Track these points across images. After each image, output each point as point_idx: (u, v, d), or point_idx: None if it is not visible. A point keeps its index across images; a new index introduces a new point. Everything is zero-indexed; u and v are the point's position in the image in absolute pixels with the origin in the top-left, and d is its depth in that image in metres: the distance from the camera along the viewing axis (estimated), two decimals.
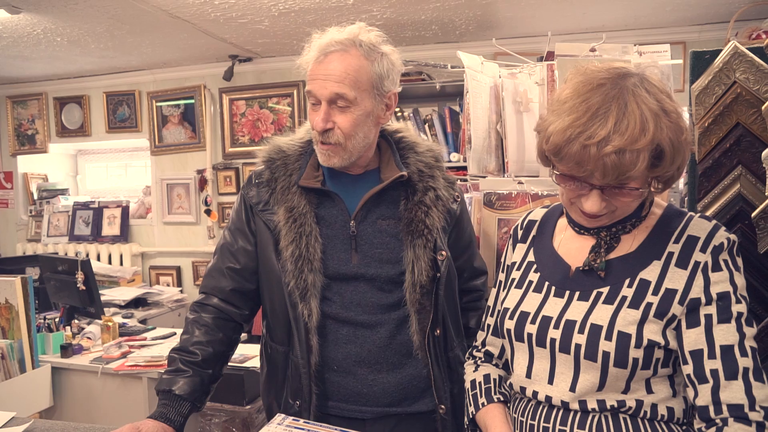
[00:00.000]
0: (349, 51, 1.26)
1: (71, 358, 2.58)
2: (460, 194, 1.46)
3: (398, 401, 1.33)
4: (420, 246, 1.31)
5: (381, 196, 1.35)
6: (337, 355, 1.32)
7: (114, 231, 4.62)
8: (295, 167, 1.37)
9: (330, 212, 1.35)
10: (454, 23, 3.42)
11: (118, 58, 4.11)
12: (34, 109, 4.87)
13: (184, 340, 1.37)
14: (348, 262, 1.33)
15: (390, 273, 1.32)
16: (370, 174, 1.39)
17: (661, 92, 0.96)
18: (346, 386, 1.33)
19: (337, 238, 1.34)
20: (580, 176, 0.96)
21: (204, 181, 4.41)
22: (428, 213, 1.33)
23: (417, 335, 1.32)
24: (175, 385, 1.30)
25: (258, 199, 1.38)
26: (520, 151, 1.93)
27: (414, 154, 1.40)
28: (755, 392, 0.92)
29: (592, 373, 0.99)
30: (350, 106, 1.26)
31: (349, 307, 1.32)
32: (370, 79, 1.27)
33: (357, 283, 1.32)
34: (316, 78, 1.27)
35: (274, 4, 3.08)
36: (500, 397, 1.17)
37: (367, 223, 1.34)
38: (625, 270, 1.03)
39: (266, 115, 4.28)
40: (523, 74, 2.02)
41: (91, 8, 3.05)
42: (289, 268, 1.31)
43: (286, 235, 1.32)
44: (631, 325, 0.97)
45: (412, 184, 1.36)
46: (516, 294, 1.13)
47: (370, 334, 1.32)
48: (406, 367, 1.33)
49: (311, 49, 1.30)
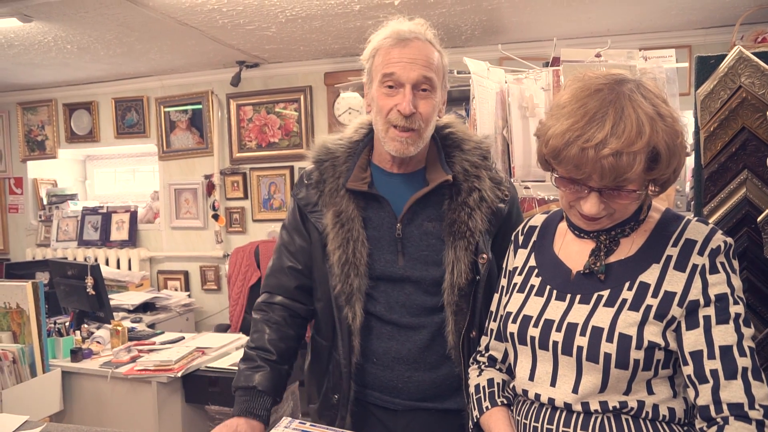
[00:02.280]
0: (426, 41, 1.30)
1: (81, 363, 2.60)
2: (511, 192, 1.43)
3: (430, 397, 1.35)
4: (461, 248, 1.31)
5: (426, 197, 1.35)
6: (378, 349, 1.35)
7: (122, 236, 4.65)
8: (343, 169, 1.38)
9: (377, 214, 1.36)
10: (460, 28, 3.44)
11: (126, 64, 4.15)
12: (44, 116, 4.91)
13: (257, 338, 1.41)
14: (394, 264, 1.34)
15: (434, 275, 1.33)
16: (416, 174, 1.39)
17: (657, 97, 0.99)
18: (384, 378, 1.35)
19: (383, 240, 1.35)
20: (579, 179, 0.98)
21: (212, 186, 4.44)
22: (471, 215, 1.33)
23: (452, 335, 1.33)
24: (256, 381, 1.34)
25: (307, 201, 1.40)
26: (527, 156, 1.94)
27: (460, 153, 1.39)
28: (754, 391, 0.94)
29: (594, 374, 1.00)
30: (431, 92, 1.28)
31: (394, 308, 1.34)
32: (443, 69, 1.32)
33: (403, 285, 1.34)
34: (399, 61, 1.27)
35: (281, 11, 3.10)
36: (504, 401, 1.18)
37: (414, 226, 1.35)
38: (624, 273, 1.05)
39: (273, 120, 4.30)
40: (529, 79, 2.03)
41: (101, 16, 3.09)
42: (336, 272, 1.33)
43: (333, 239, 1.34)
44: (632, 326, 0.99)
45: (456, 185, 1.35)
46: (518, 298, 1.15)
47: (412, 335, 1.34)
48: (443, 367, 1.35)
49: (384, 38, 1.31)
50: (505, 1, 2.98)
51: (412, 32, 1.29)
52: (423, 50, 1.28)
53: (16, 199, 5.02)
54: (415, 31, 1.30)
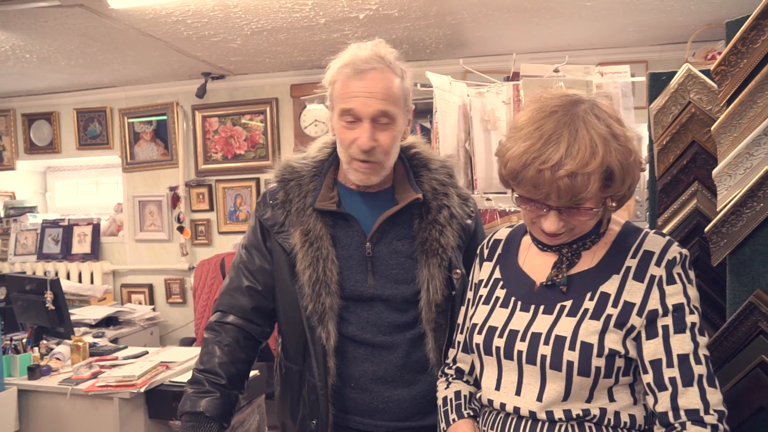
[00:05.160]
0: (385, 68, 1.27)
1: (39, 380, 2.53)
2: (475, 209, 1.45)
3: (412, 416, 1.34)
4: (435, 265, 1.31)
5: (395, 216, 1.34)
6: (354, 373, 1.33)
7: (84, 249, 4.55)
8: (310, 188, 1.36)
9: (346, 233, 1.35)
10: (425, 42, 3.49)
11: (89, 75, 4.09)
12: (2, 126, 4.79)
13: (207, 360, 1.37)
14: (364, 283, 1.33)
15: (405, 293, 1.32)
16: (384, 193, 1.38)
17: (611, 117, 1.03)
18: (363, 402, 1.33)
19: (353, 260, 1.33)
20: (538, 198, 1.02)
21: (176, 198, 4.39)
22: (442, 232, 1.33)
23: (434, 353, 1.32)
24: (203, 407, 1.31)
25: (273, 221, 1.37)
26: (488, 168, 1.98)
27: (427, 172, 1.39)
28: (709, 397, 0.98)
29: (557, 382, 1.03)
30: (391, 124, 1.27)
31: (366, 328, 1.33)
32: (403, 96, 1.30)
33: (373, 304, 1.33)
34: (357, 95, 1.25)
35: (246, 23, 3.11)
36: (470, 413, 1.20)
37: (383, 245, 1.34)
38: (586, 284, 1.08)
39: (239, 132, 4.28)
40: (491, 93, 2.08)
41: (62, 26, 3.04)
42: (307, 291, 1.31)
43: (303, 258, 1.31)
44: (593, 335, 1.02)
45: (425, 203, 1.35)
46: (484, 310, 1.17)
47: (387, 354, 1.32)
48: (421, 383, 1.34)
49: (342, 66, 1.29)
50: (468, 16, 3.04)
51: (371, 60, 1.27)
52: (381, 81, 1.25)
53: None
54: (374, 58, 1.27)
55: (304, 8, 2.89)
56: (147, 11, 2.87)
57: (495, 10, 2.95)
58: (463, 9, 2.93)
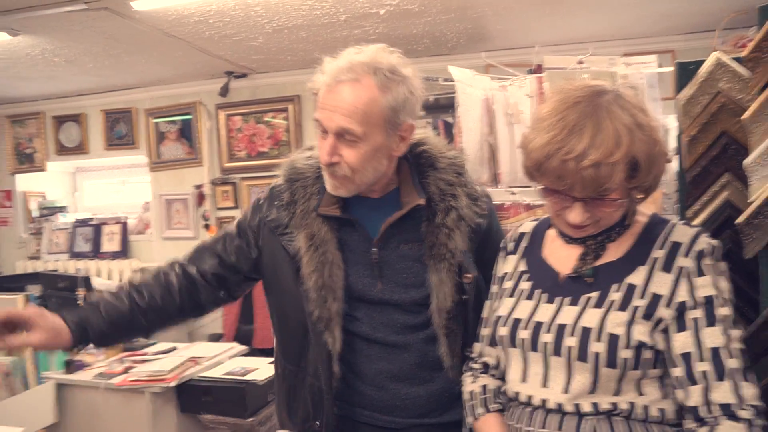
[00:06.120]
0: (361, 81, 1.18)
1: (75, 374, 2.59)
2: (488, 206, 1.38)
3: (429, 412, 1.32)
4: (444, 270, 1.27)
5: (402, 219, 1.29)
6: (369, 371, 1.30)
7: (114, 247, 4.64)
8: (313, 191, 1.32)
9: (352, 237, 1.31)
10: (446, 36, 3.48)
11: (114, 76, 4.16)
12: (33, 128, 4.90)
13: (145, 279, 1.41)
14: (373, 288, 1.29)
15: (415, 297, 1.29)
16: (389, 197, 1.33)
17: (635, 107, 1.01)
18: (380, 399, 1.30)
19: (360, 264, 1.30)
20: (562, 190, 1.01)
21: (202, 196, 4.45)
22: (450, 235, 1.28)
23: (447, 357, 1.30)
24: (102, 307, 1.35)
25: (277, 223, 1.34)
26: (513, 162, 1.97)
27: (434, 171, 1.32)
28: (744, 391, 0.96)
29: (583, 374, 1.02)
30: (358, 141, 1.19)
31: (378, 328, 1.30)
32: (381, 113, 1.19)
33: (383, 307, 1.30)
34: (324, 107, 1.20)
35: (267, 22, 3.13)
36: (497, 407, 1.19)
37: (390, 249, 1.30)
38: (612, 276, 1.07)
39: (262, 130, 4.32)
40: (514, 87, 2.06)
41: (88, 29, 3.10)
42: (313, 296, 1.27)
43: (308, 262, 1.28)
44: (620, 326, 1.01)
45: (432, 206, 1.29)
46: (509, 302, 1.17)
47: (401, 353, 1.30)
48: (438, 380, 1.31)
49: (324, 73, 1.22)
50: (489, 10, 3.02)
51: (349, 71, 1.18)
52: (351, 95, 1.17)
53: (5, 212, 4.99)
54: (355, 67, 1.18)
55: (325, 5, 2.90)
56: (170, 12, 2.91)
57: (516, 3, 2.93)
58: (485, 2, 2.91)
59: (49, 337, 1.27)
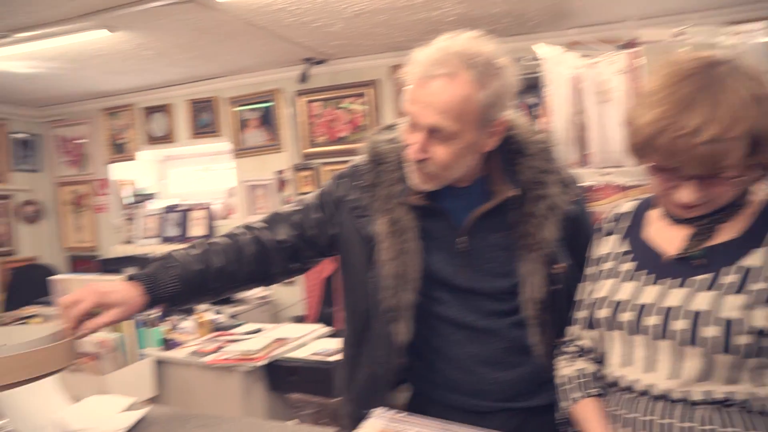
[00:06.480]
0: (456, 77, 1.13)
1: (170, 351, 2.76)
2: (579, 190, 1.34)
3: (516, 396, 1.30)
4: (534, 260, 1.24)
5: (489, 208, 1.26)
6: (457, 354, 1.29)
7: (200, 231, 4.85)
8: (396, 176, 1.28)
9: (435, 226, 1.27)
10: (527, 14, 3.38)
11: (199, 67, 4.32)
12: (125, 120, 5.18)
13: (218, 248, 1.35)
14: (459, 276, 1.27)
15: (504, 285, 1.26)
16: (477, 185, 1.28)
17: (753, 79, 0.94)
18: (467, 382, 1.29)
19: (444, 252, 1.27)
20: (673, 168, 0.96)
21: (283, 181, 4.56)
22: (541, 225, 1.23)
23: (540, 345, 1.27)
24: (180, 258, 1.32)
25: (356, 204, 1.32)
26: (603, 142, 1.90)
27: (524, 159, 1.27)
28: None
29: (694, 360, 0.97)
30: (450, 139, 1.16)
31: (466, 314, 1.28)
32: (476, 111, 1.15)
33: (470, 294, 1.28)
34: (416, 101, 1.16)
35: (346, 7, 3.15)
36: (595, 391, 1.16)
37: (478, 239, 1.26)
38: (724, 258, 1.01)
39: (341, 115, 4.37)
40: (604, 64, 1.98)
41: (176, 21, 3.23)
42: (387, 284, 1.25)
43: (387, 249, 1.25)
44: (737, 310, 0.95)
45: (521, 195, 1.25)
46: (608, 284, 1.13)
47: (490, 338, 1.28)
48: (527, 365, 1.29)
49: (415, 63, 1.19)
50: None
51: (444, 64, 1.14)
52: (446, 92, 1.13)
53: (103, 199, 5.33)
54: (448, 62, 1.13)
55: None
56: (251, 1, 2.99)
57: None
58: None
59: (122, 311, 1.25)
